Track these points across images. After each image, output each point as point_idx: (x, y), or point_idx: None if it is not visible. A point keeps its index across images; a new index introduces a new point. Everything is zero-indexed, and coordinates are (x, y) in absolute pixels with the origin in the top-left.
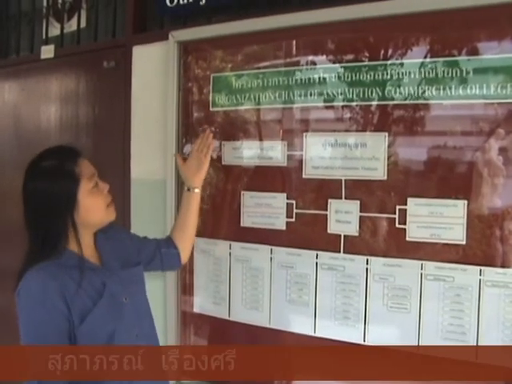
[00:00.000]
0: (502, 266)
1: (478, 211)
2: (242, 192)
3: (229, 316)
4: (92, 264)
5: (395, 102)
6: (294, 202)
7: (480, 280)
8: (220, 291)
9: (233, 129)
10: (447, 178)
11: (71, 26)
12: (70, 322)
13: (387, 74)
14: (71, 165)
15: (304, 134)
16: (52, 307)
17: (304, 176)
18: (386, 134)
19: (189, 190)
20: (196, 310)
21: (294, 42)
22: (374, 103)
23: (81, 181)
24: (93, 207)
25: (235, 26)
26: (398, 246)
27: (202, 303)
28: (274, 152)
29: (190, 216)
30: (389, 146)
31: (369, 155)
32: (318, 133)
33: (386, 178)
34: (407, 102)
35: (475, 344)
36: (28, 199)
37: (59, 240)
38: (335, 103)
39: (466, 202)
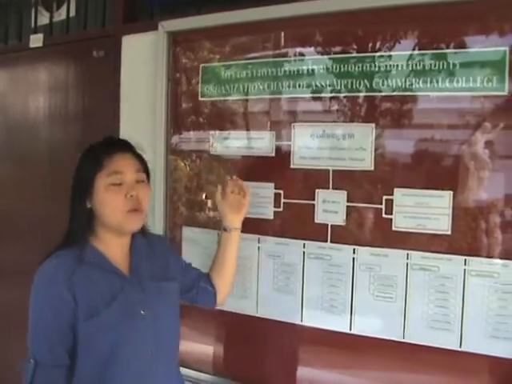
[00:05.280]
0: (487, 257)
1: (464, 203)
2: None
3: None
4: (114, 267)
5: (383, 94)
6: (281, 191)
7: (465, 270)
8: None
9: (221, 119)
10: (433, 169)
11: (60, 14)
12: (75, 315)
13: (375, 66)
14: (103, 155)
15: (292, 124)
16: (58, 295)
17: (292, 166)
18: (374, 125)
19: (225, 229)
20: None
21: (283, 34)
22: (362, 95)
23: (99, 172)
24: (106, 204)
25: (225, 17)
26: (385, 235)
27: None
28: (262, 142)
29: (228, 258)
30: (376, 138)
31: (356, 146)
32: (305, 123)
33: (373, 168)
34: (395, 94)
35: (459, 333)
36: None
37: (78, 227)
38: (323, 94)
39: (451, 192)
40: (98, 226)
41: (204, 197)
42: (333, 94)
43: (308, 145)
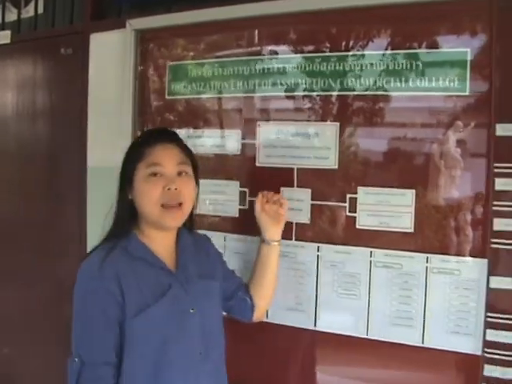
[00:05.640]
0: (448, 254)
1: (426, 201)
2: None
3: None
4: (161, 263)
5: (354, 93)
6: (247, 189)
7: (427, 267)
8: None
9: (188, 117)
10: (397, 168)
11: (28, 11)
12: (122, 310)
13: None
14: (145, 146)
15: (258, 123)
16: (104, 289)
17: (257, 164)
18: (339, 124)
19: (264, 241)
20: None
21: (253, 32)
22: (333, 93)
23: (140, 163)
24: (143, 196)
25: (193, 16)
26: (348, 233)
27: None
28: (228, 140)
29: (269, 272)
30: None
31: (321, 145)
32: (271, 122)
33: (337, 167)
34: (366, 92)
35: (422, 329)
36: None
37: (121, 219)
38: (289, 93)
39: (414, 191)
40: (141, 219)
41: None
42: (303, 93)
43: (273, 143)
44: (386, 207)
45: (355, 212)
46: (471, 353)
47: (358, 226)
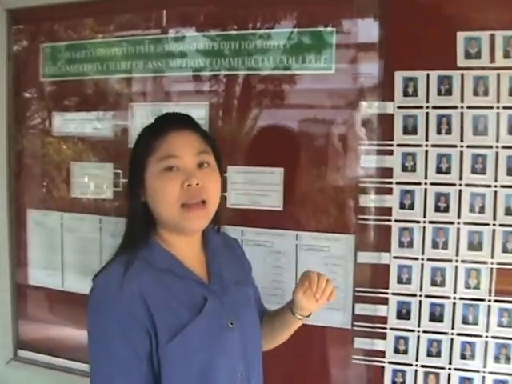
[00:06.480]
0: (317, 231)
1: (294, 179)
2: (71, 163)
3: (62, 286)
4: (192, 274)
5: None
6: (120, 171)
7: (296, 245)
8: (53, 262)
9: (63, 99)
10: (267, 147)
11: None
12: (151, 336)
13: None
14: (155, 136)
15: (129, 104)
16: (127, 314)
17: (129, 145)
18: (208, 103)
19: (291, 310)
20: (31, 281)
21: (129, 13)
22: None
23: (150, 157)
24: (158, 196)
25: None
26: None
27: (36, 275)
28: (101, 122)
29: (283, 335)
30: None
31: None
32: (142, 103)
33: None
34: (234, 72)
35: None
36: None
37: (136, 225)
38: (160, 74)
39: (283, 169)
40: (159, 224)
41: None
42: (165, 74)
43: (144, 124)
44: (256, 186)
45: (225, 191)
46: (342, 327)
47: (228, 206)
